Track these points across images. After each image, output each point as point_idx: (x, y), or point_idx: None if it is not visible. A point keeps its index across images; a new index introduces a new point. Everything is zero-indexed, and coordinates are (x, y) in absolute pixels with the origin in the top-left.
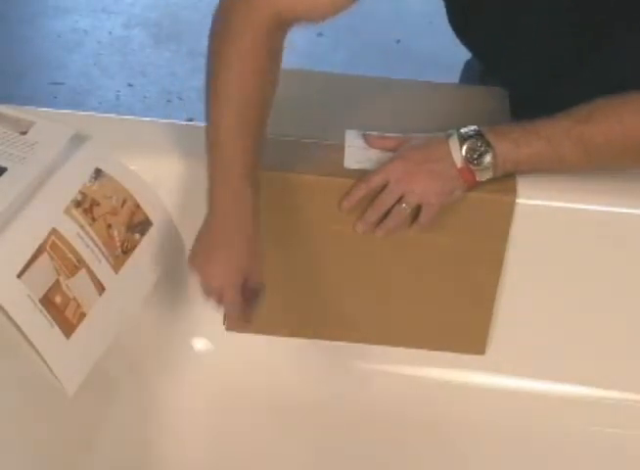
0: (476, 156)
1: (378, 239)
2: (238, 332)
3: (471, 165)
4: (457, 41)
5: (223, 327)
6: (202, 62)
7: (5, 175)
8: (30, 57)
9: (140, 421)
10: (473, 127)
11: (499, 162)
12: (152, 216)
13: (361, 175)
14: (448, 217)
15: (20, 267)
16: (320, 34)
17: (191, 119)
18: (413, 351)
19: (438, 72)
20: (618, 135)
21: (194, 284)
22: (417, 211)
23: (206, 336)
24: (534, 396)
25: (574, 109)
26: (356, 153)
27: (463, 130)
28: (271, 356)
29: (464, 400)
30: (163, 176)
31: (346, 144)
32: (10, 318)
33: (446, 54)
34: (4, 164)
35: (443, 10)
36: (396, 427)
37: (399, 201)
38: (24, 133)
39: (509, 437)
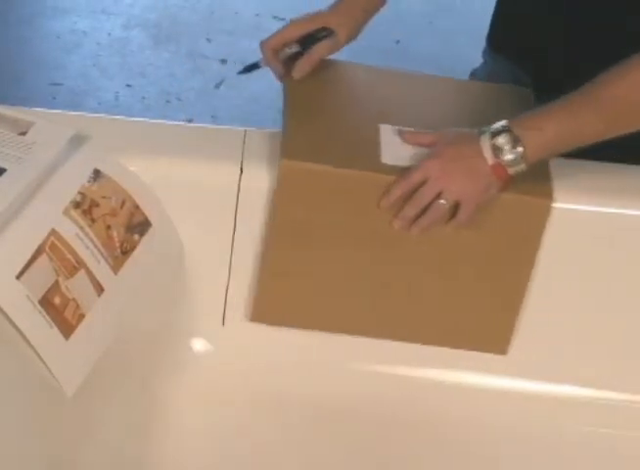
0: (505, 151)
1: (409, 236)
2: (263, 323)
3: (502, 162)
4: (456, 42)
5: (222, 327)
6: (200, 62)
7: (4, 176)
8: (29, 58)
9: (139, 421)
10: (501, 123)
11: (529, 152)
12: (151, 217)
13: (399, 172)
14: (483, 217)
15: (19, 268)
16: None
17: (190, 120)
18: (412, 350)
19: (438, 74)
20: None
21: (193, 284)
22: (453, 209)
23: (205, 336)
24: (531, 396)
25: (594, 78)
26: (392, 149)
27: (493, 127)
28: (270, 357)
29: (460, 401)
30: (162, 177)
31: (382, 139)
32: (9, 319)
33: (446, 55)
34: (3, 165)
35: (443, 11)
36: (395, 427)
37: (437, 197)
38: (24, 134)
39: (505, 437)
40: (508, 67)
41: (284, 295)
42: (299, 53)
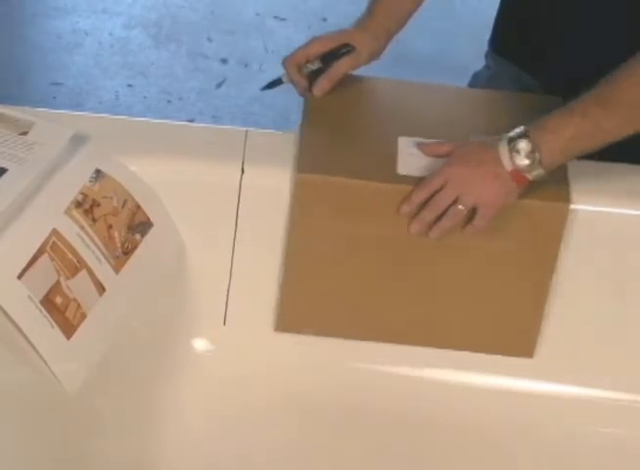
0: (522, 157)
1: (428, 244)
2: (287, 332)
3: (519, 167)
4: (457, 44)
5: (223, 327)
6: (201, 62)
7: (5, 176)
8: (30, 58)
9: (140, 421)
10: (519, 129)
11: (546, 157)
12: (152, 217)
13: (415, 182)
14: (502, 223)
15: (20, 268)
16: None
17: (191, 120)
18: (414, 351)
19: (438, 75)
20: None
21: (194, 285)
22: (471, 215)
23: (206, 336)
24: (534, 396)
25: (605, 77)
26: (409, 160)
27: (511, 133)
28: (271, 356)
29: (464, 401)
30: (164, 177)
31: (399, 151)
32: (10, 319)
33: (446, 56)
34: (4, 165)
35: (445, 12)
36: (396, 427)
37: (455, 202)
38: (25, 134)
39: (507, 436)
40: (512, 70)
41: (307, 304)
42: (322, 69)
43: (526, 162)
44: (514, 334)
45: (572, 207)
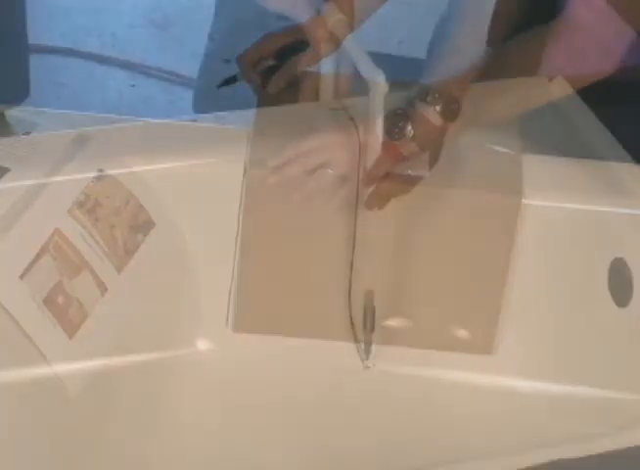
0: (397, 132)
1: (383, 240)
2: (245, 333)
3: (393, 140)
4: None
5: (227, 328)
6: (204, 62)
7: (8, 176)
8: (32, 57)
9: (142, 421)
10: (402, 105)
11: (420, 134)
12: (154, 217)
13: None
14: (455, 218)
15: (22, 268)
16: None
17: (194, 120)
18: (413, 351)
19: None
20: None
21: (196, 284)
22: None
23: (209, 336)
24: (534, 395)
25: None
26: None
27: (393, 108)
28: (274, 357)
29: (463, 400)
30: (166, 177)
31: None
32: (12, 319)
33: None
34: (7, 165)
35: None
36: (396, 426)
37: (323, 166)
38: (27, 134)
39: (507, 435)
40: None
41: (263, 303)
42: (276, 66)
43: (401, 137)
44: (473, 331)
45: (525, 201)
